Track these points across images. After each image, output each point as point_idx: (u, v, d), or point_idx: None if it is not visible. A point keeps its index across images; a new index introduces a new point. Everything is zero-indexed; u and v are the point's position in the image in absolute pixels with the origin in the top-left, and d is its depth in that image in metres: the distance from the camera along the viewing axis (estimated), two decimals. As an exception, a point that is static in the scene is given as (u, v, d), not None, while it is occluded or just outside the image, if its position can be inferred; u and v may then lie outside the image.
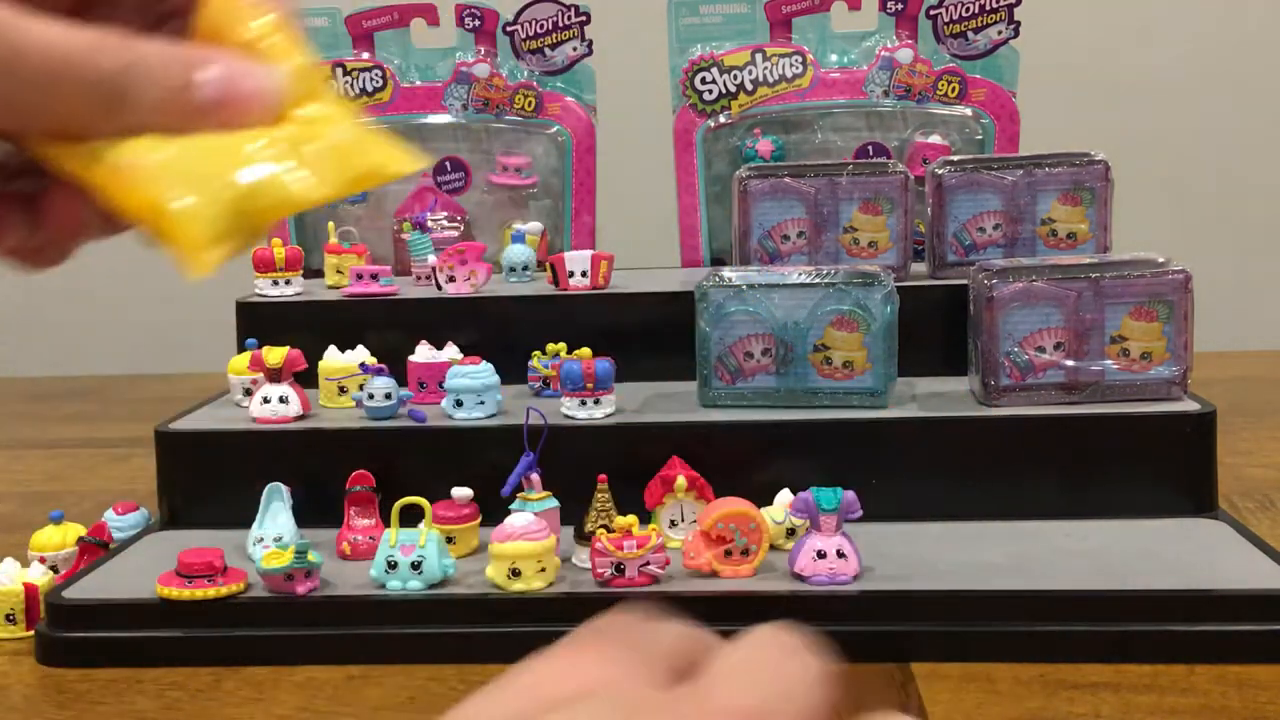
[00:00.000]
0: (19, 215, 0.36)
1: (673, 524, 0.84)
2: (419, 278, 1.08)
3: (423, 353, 0.97)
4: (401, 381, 0.95)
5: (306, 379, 0.95)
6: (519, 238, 1.09)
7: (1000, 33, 1.13)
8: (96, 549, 0.88)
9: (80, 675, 0.75)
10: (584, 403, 0.89)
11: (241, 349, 1.01)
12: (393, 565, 0.77)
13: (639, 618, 0.31)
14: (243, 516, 0.86)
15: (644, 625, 0.31)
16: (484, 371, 0.91)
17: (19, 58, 0.32)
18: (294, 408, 0.92)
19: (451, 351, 0.97)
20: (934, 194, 1.02)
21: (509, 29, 1.17)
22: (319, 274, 1.14)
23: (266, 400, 0.92)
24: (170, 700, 0.72)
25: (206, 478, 0.92)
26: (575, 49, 1.17)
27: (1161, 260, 0.88)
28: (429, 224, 1.13)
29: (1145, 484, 0.86)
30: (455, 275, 1.03)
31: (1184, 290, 0.87)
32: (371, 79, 1.17)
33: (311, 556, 0.77)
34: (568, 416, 0.89)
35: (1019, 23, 1.13)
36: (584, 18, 1.16)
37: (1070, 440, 0.86)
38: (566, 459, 0.86)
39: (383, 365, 0.94)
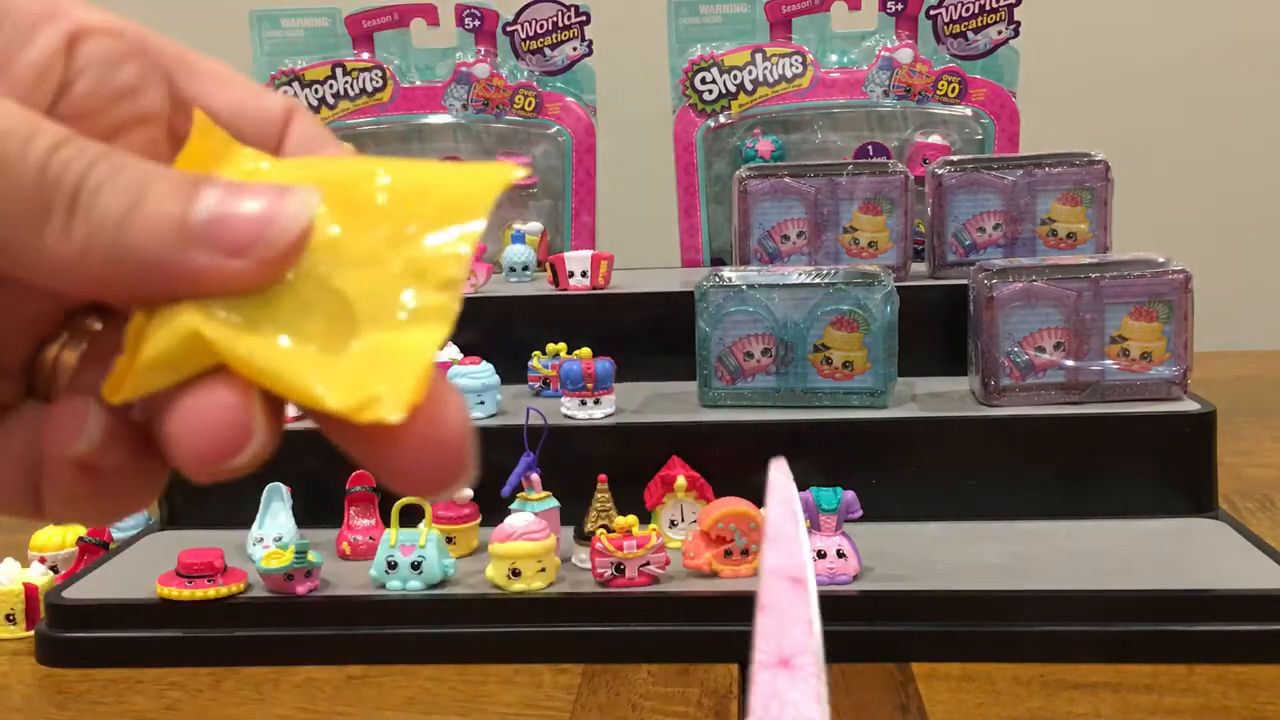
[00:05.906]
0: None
1: (673, 524, 0.84)
2: (419, 278, 1.08)
3: (423, 353, 0.96)
4: (401, 381, 0.94)
5: (306, 379, 0.95)
6: (519, 238, 1.09)
7: (1000, 33, 1.13)
8: (96, 549, 0.88)
9: (80, 675, 0.75)
10: (584, 403, 0.89)
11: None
12: (393, 565, 0.77)
13: None
14: (243, 516, 0.86)
15: None
16: (484, 371, 0.91)
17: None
18: (294, 408, 0.92)
19: (451, 351, 0.97)
20: (934, 194, 1.02)
21: (509, 29, 1.17)
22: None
23: (266, 400, 0.92)
24: (170, 700, 0.72)
25: (206, 478, 0.92)
26: (575, 49, 1.17)
27: (1161, 260, 0.88)
28: (429, 224, 1.13)
29: (1145, 484, 0.86)
30: (455, 275, 1.03)
31: (1184, 290, 0.87)
32: (371, 79, 1.17)
33: (311, 556, 0.77)
34: (568, 416, 0.89)
35: (1019, 23, 1.13)
36: (584, 18, 1.16)
37: (1070, 440, 0.86)
38: (566, 459, 0.86)
39: (383, 365, 0.94)
